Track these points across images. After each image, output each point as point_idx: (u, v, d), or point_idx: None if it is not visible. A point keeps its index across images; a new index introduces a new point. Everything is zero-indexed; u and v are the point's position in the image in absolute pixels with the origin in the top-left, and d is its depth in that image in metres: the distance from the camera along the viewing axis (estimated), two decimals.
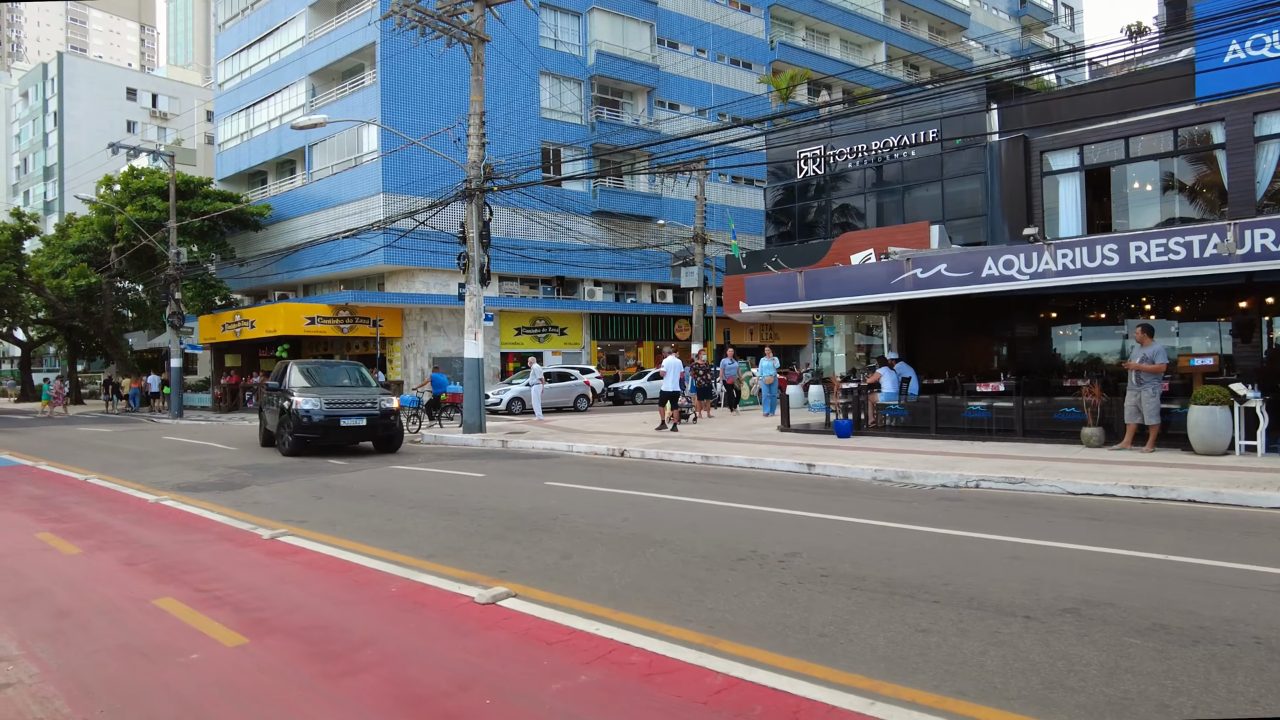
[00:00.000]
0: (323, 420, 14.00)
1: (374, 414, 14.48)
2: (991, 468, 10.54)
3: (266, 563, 6.38)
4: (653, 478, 10.81)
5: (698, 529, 7.17)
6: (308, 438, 14.02)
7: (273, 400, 15.47)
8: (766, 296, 15.88)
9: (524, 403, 25.52)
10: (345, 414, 14.21)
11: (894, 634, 4.46)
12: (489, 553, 6.46)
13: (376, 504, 8.94)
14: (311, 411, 13.98)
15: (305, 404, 14.06)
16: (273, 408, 15.38)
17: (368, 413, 14.43)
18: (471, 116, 17.37)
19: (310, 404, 14.07)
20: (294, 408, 14.00)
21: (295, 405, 14.02)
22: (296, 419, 13.91)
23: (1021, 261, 13.16)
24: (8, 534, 7.85)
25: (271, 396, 15.69)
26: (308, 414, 13.95)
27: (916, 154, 22.01)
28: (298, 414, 13.92)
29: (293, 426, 13.96)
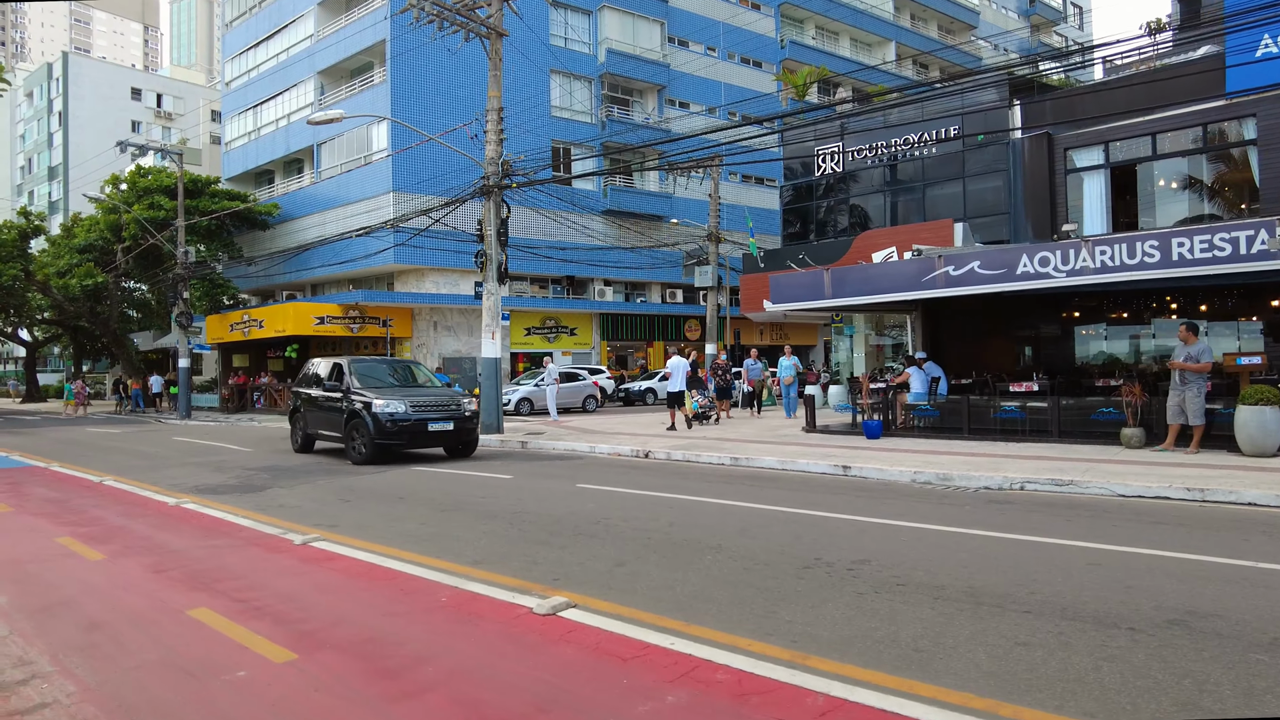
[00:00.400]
0: (409, 424, 12.70)
1: (460, 417, 13.30)
2: (1034, 469, 10.22)
3: (302, 570, 6.07)
4: (685, 480, 10.49)
5: (750, 534, 6.85)
6: (391, 444, 12.73)
7: (324, 402, 14.06)
8: (791, 295, 15.56)
9: (532, 403, 25.20)
10: (432, 417, 12.94)
11: (994, 647, 4.14)
12: (537, 559, 6.14)
13: (406, 507, 8.63)
14: (397, 415, 12.62)
15: (388, 407, 12.64)
16: (319, 410, 14.17)
17: (454, 415, 13.22)
18: (489, 112, 17.08)
19: (395, 407, 12.66)
20: (373, 410, 12.57)
21: (375, 408, 12.58)
22: (378, 424, 12.50)
23: (1058, 259, 12.84)
24: (27, 538, 7.54)
25: (323, 398, 14.12)
26: (391, 418, 12.57)
27: (937, 151, 21.69)
28: (379, 418, 12.51)
29: (373, 431, 12.50)
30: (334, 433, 13.64)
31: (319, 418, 14.29)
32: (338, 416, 13.42)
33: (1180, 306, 18.53)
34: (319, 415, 14.29)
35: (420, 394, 13.53)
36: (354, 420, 12.95)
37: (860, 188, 23.11)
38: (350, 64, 33.41)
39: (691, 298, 38.88)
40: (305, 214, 33.89)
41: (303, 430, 14.91)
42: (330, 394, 13.83)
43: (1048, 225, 19.94)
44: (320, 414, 14.21)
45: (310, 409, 14.63)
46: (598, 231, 33.93)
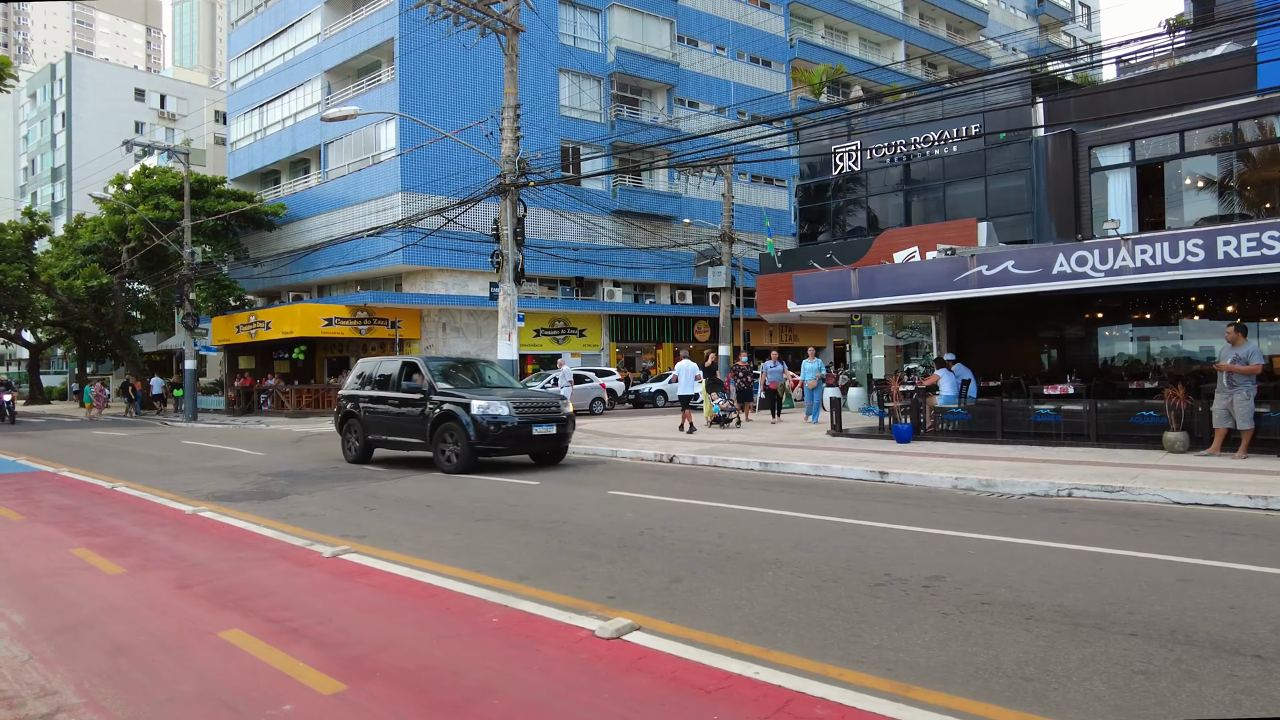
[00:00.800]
0: (512, 428, 11.54)
1: (560, 419, 12.34)
2: (1079, 475, 9.85)
3: (336, 585, 5.70)
4: (718, 486, 10.12)
5: (807, 547, 6.48)
6: (492, 450, 11.61)
7: (394, 405, 12.73)
8: (816, 295, 15.19)
9: None
10: (537, 420, 11.88)
11: (1110, 676, 3.77)
12: (586, 574, 5.77)
13: (436, 516, 8.26)
14: (500, 418, 11.45)
15: (490, 408, 11.45)
16: (387, 414, 12.85)
17: (556, 418, 12.23)
18: (506, 109, 16.72)
19: (497, 408, 11.48)
20: (472, 413, 11.40)
21: (475, 409, 11.40)
22: (479, 427, 11.34)
23: (1096, 258, 12.47)
24: (41, 549, 7.18)
25: (393, 400, 12.77)
26: (495, 420, 11.42)
27: (958, 150, 21.33)
28: (480, 421, 11.35)
29: (473, 436, 11.34)
30: (412, 439, 12.40)
31: (387, 423, 12.91)
32: (417, 421, 12.20)
33: (1208, 307, 18.19)
34: (387, 420, 12.91)
35: (518, 394, 12.43)
36: (444, 424, 11.73)
37: (879, 187, 22.75)
38: (357, 63, 33.09)
39: (701, 299, 38.53)
40: (312, 214, 33.56)
41: (360, 438, 13.33)
42: (407, 395, 12.50)
43: (1072, 225, 19.58)
44: (389, 419, 12.86)
45: (372, 414, 13.17)
46: (607, 232, 33.58)
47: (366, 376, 13.79)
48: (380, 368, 13.66)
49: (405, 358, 13.31)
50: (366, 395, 13.43)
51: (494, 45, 30.29)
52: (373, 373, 13.69)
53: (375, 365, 13.83)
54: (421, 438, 12.18)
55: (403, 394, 12.67)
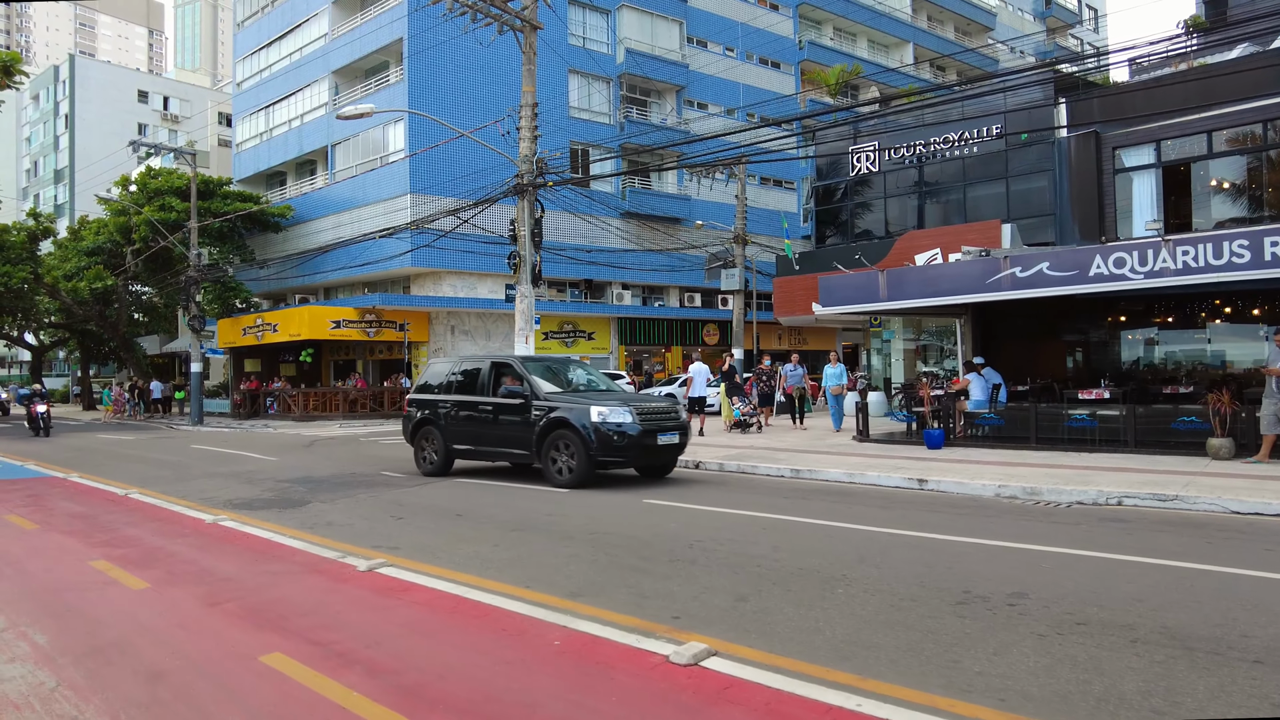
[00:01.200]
0: (638, 437, 10.34)
1: (684, 427, 11.25)
2: (1126, 482, 9.52)
3: (378, 603, 5.36)
4: (755, 495, 9.78)
5: (871, 562, 6.14)
6: (612, 461, 10.47)
7: (489, 411, 11.48)
8: (842, 297, 14.87)
9: None
10: (662, 428, 10.70)
11: (1250, 709, 3.44)
12: (644, 591, 5.43)
13: (469, 525, 7.92)
14: (625, 427, 10.25)
15: (612, 415, 10.25)
16: (479, 421, 11.61)
17: (679, 426, 11.08)
18: (524, 108, 16.42)
19: (620, 415, 10.28)
20: (591, 420, 10.20)
21: (594, 417, 10.20)
22: (601, 436, 10.15)
23: (1135, 259, 12.15)
24: (60, 561, 6.84)
25: (487, 406, 11.51)
26: (618, 429, 10.22)
27: (979, 151, 21.01)
28: (602, 430, 10.16)
29: (594, 445, 10.15)
30: (511, 449, 11.23)
31: (476, 431, 11.64)
32: (518, 429, 11.00)
33: (1235, 310, 17.88)
34: (476, 428, 11.64)
35: (632, 399, 11.29)
36: (555, 433, 10.54)
37: (897, 188, 22.43)
38: (365, 64, 32.80)
39: (710, 301, 38.23)
40: (318, 216, 33.25)
41: (440, 447, 12.00)
42: (505, 400, 11.21)
43: (1095, 227, 19.26)
44: (479, 426, 11.61)
45: (456, 421, 11.88)
46: (616, 234, 33.28)
47: (442, 379, 12.47)
48: (460, 369, 12.37)
49: (493, 357, 12.11)
50: (448, 400, 12.03)
51: (503, 47, 30.08)
52: (450, 374, 12.38)
53: (453, 366, 12.59)
54: (524, 447, 10.95)
55: (499, 399, 11.36)
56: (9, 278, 30.77)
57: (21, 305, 34.82)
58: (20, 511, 9.43)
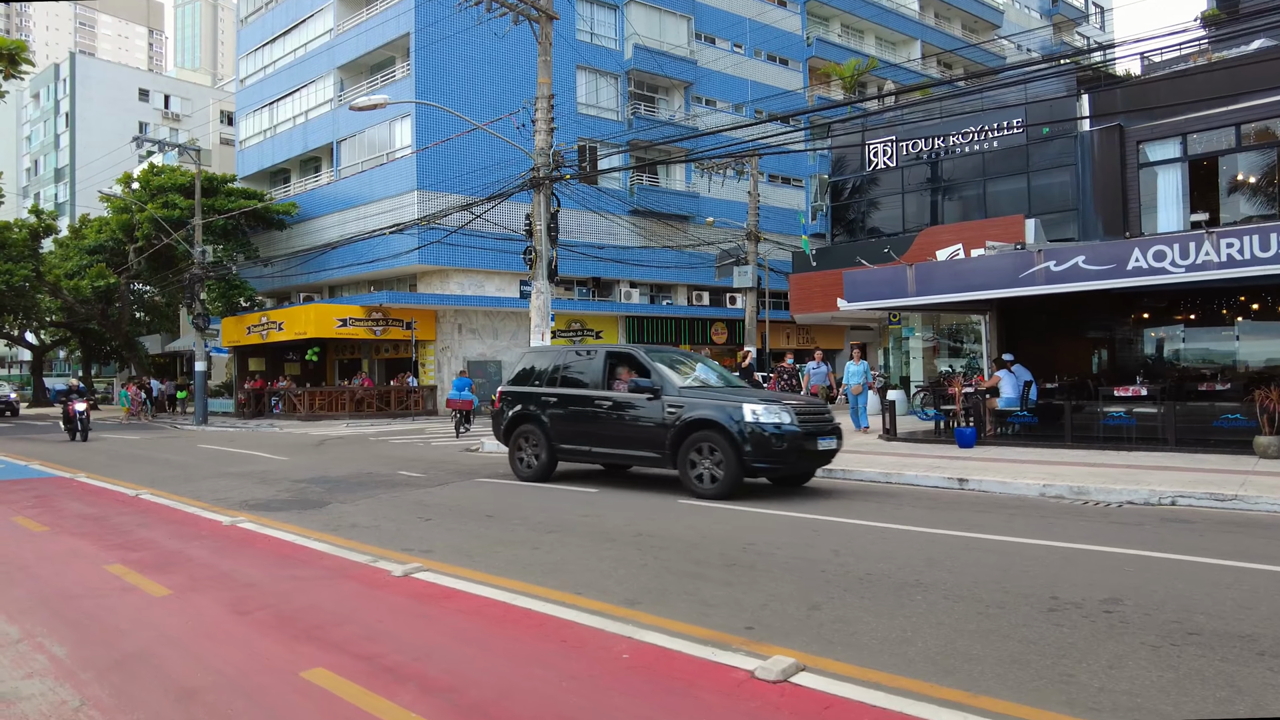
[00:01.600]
0: (797, 441, 8.96)
1: (839, 431, 9.90)
2: (1177, 481, 9.16)
3: (420, 611, 4.98)
4: (793, 495, 9.40)
5: (941, 566, 5.76)
6: (770, 468, 9.05)
7: (607, 408, 10.13)
8: (869, 293, 14.49)
9: None
10: (821, 430, 9.37)
11: None
12: (706, 599, 5.05)
13: (501, 527, 7.54)
14: (785, 428, 8.87)
15: (770, 415, 8.90)
16: (596, 420, 10.23)
17: (836, 430, 9.74)
18: (539, 100, 16.05)
19: (780, 415, 8.93)
20: (744, 420, 8.83)
21: (748, 416, 8.85)
22: (758, 440, 8.75)
23: (1175, 252, 11.78)
24: (73, 566, 6.46)
25: (604, 402, 10.16)
26: (777, 432, 8.82)
27: (999, 145, 20.66)
28: (760, 432, 8.77)
29: (749, 449, 8.72)
30: (636, 451, 9.85)
31: (590, 430, 10.27)
32: (646, 429, 9.61)
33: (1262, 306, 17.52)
34: (590, 426, 10.28)
35: (776, 396, 10.11)
36: (697, 434, 9.12)
37: (916, 184, 22.08)
38: (370, 60, 32.42)
39: (718, 300, 37.85)
40: (323, 213, 32.86)
41: (544, 448, 10.62)
42: (629, 396, 9.83)
43: (1120, 222, 18.90)
44: (594, 425, 10.24)
45: (564, 419, 10.52)
46: (624, 232, 32.91)
47: (545, 370, 11.08)
48: (565, 360, 10.98)
49: (609, 347, 10.75)
50: (553, 395, 10.71)
51: (510, 42, 29.72)
52: (554, 365, 10.99)
53: (556, 357, 11.22)
54: (652, 449, 9.56)
55: (621, 394, 9.98)
56: (10, 276, 30.38)
57: (23, 304, 34.40)
58: (28, 513, 9.05)
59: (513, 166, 24.65)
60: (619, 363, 10.47)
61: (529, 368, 11.40)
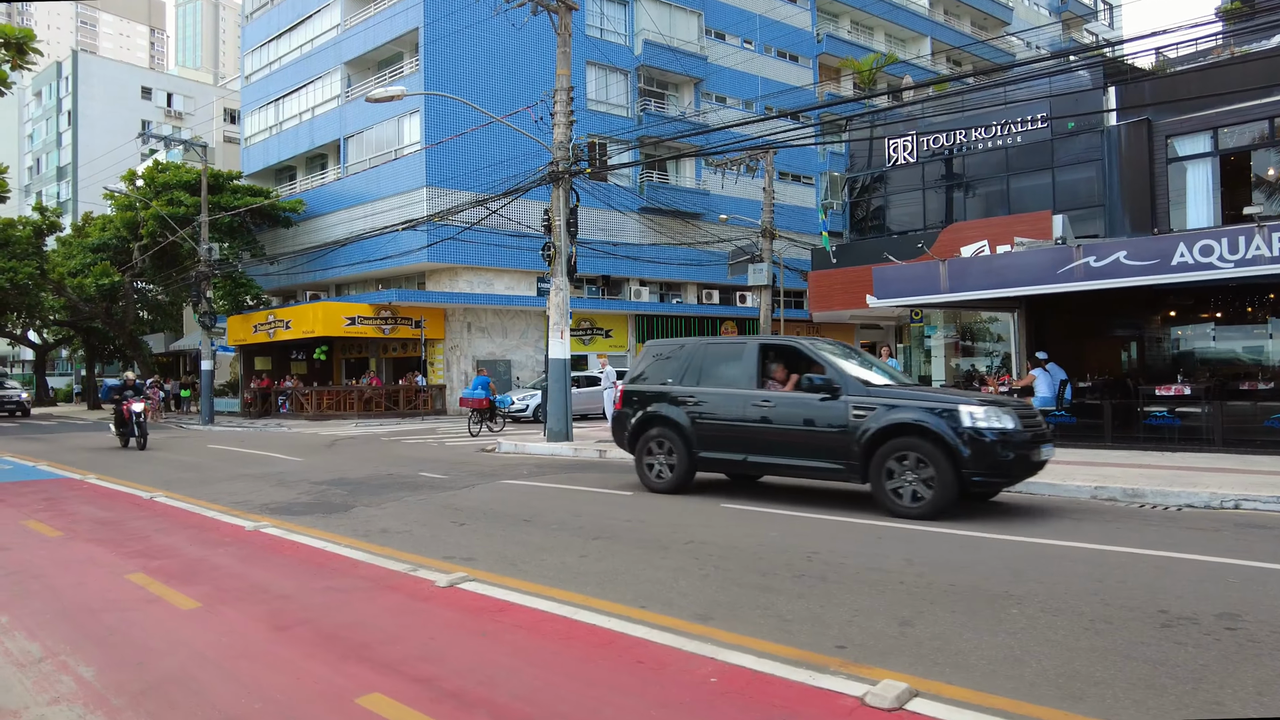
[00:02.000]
0: (1024, 449, 7.66)
1: (1050, 439, 8.37)
2: (1236, 484, 8.79)
3: (475, 626, 4.60)
4: (823, 497, 9.02)
5: (1029, 576, 5.37)
6: (993, 482, 7.78)
7: (766, 409, 8.62)
8: (900, 289, 14.11)
9: None
10: (1041, 438, 8.03)
11: None
12: (782, 613, 4.67)
13: (542, 533, 7.15)
14: (1011, 435, 7.52)
15: (992, 420, 7.51)
16: (750, 422, 8.71)
17: (1049, 438, 8.31)
18: (558, 92, 15.66)
19: (1004, 420, 7.56)
20: (963, 425, 7.40)
21: (966, 421, 7.42)
22: (981, 449, 7.35)
23: (1224, 247, 11.41)
24: (92, 575, 6.08)
25: (784, 403, 8.56)
26: (1001, 440, 7.45)
27: (1023, 140, 20.25)
28: (981, 440, 7.37)
29: (970, 461, 7.33)
30: (810, 460, 8.32)
31: (745, 435, 8.75)
32: (823, 434, 8.14)
33: None
34: (745, 432, 8.75)
35: (1000, 399, 8.58)
36: (895, 441, 7.66)
37: (936, 180, 21.68)
38: (378, 55, 32.04)
39: (728, 298, 37.48)
40: (330, 211, 32.49)
41: (682, 455, 9.16)
42: (799, 396, 8.45)
43: (1147, 218, 18.51)
44: (750, 429, 8.71)
45: (710, 421, 9.02)
46: (634, 229, 32.54)
47: (675, 367, 9.62)
48: (703, 354, 9.52)
49: (760, 338, 9.34)
50: (696, 395, 9.23)
51: (519, 37, 29.35)
52: (688, 361, 9.53)
53: (691, 351, 9.67)
54: (834, 459, 8.07)
55: (788, 394, 8.61)
56: (14, 273, 30.00)
57: (26, 302, 34.01)
58: (40, 517, 8.67)
59: (523, 163, 24.26)
60: (775, 356, 9.14)
61: (655, 363, 10.02)
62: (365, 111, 31.25)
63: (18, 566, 6.36)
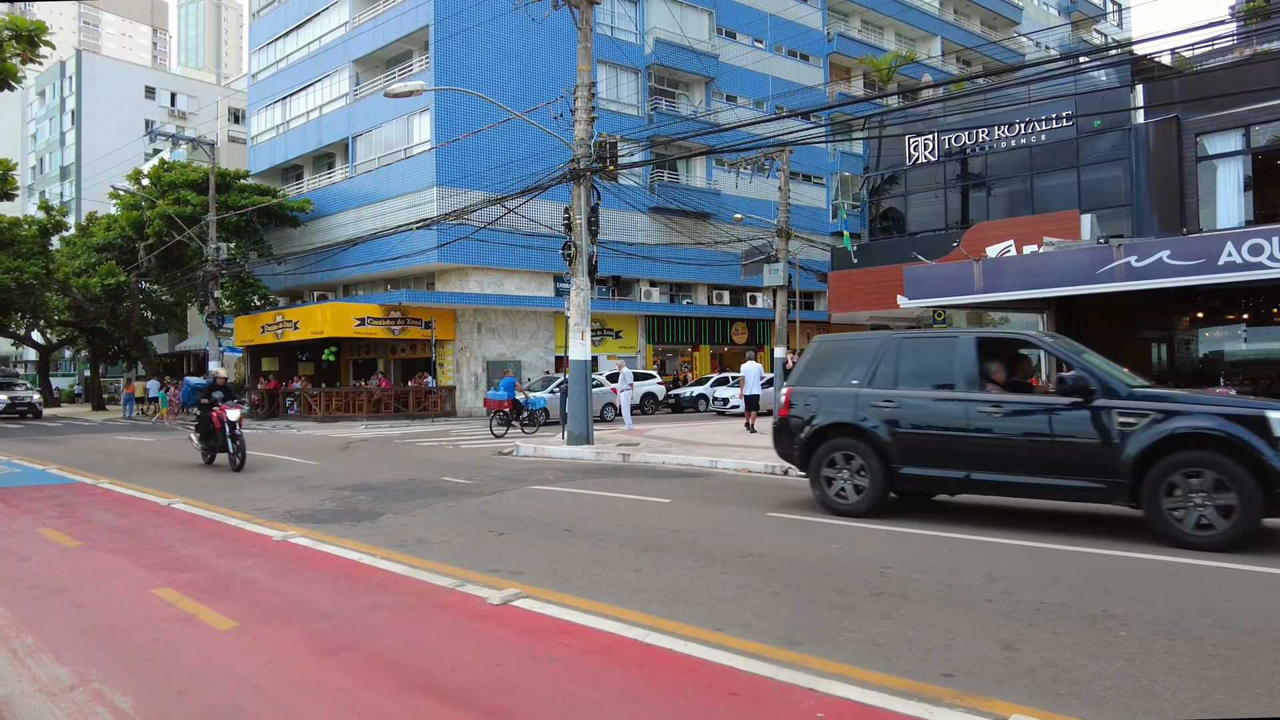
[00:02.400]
0: None
1: None
2: None
3: (540, 650, 4.25)
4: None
5: (1122, 593, 5.03)
6: None
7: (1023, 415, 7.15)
8: (932, 289, 13.77)
9: (549, 412, 22.29)
10: None
11: None
12: (872, 636, 4.32)
13: (588, 544, 6.80)
14: None
15: None
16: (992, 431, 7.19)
17: None
18: (579, 88, 15.34)
19: None
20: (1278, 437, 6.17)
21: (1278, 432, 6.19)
22: None
23: (1274, 246, 11.06)
24: (117, 589, 5.73)
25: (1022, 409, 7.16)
26: None
27: (1047, 139, 19.92)
28: None
29: None
30: (1060, 479, 6.90)
31: (976, 449, 7.27)
32: (1079, 447, 6.80)
33: None
34: (974, 445, 7.27)
35: None
36: (1179, 457, 6.41)
37: (958, 179, 21.35)
38: (386, 53, 31.74)
39: (738, 299, 37.15)
40: (337, 211, 32.18)
41: (879, 471, 7.69)
42: (1045, 400, 7.16)
43: (1177, 217, 18.18)
44: (980, 442, 7.25)
45: (920, 433, 7.56)
46: (644, 230, 32.23)
47: (860, 365, 8.11)
48: (899, 350, 8.00)
49: (977, 331, 8.25)
50: (896, 398, 7.75)
51: (531, 35, 29.04)
52: (879, 358, 8.02)
53: (880, 345, 8.15)
54: (1092, 477, 6.73)
55: (1029, 398, 7.30)
56: (20, 273, 29.67)
57: (31, 302, 33.68)
58: (55, 524, 8.33)
59: (535, 162, 23.94)
60: (996, 352, 7.74)
61: (829, 362, 8.55)
62: (374, 110, 30.97)
63: (39, 579, 6.02)
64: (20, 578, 6.07)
